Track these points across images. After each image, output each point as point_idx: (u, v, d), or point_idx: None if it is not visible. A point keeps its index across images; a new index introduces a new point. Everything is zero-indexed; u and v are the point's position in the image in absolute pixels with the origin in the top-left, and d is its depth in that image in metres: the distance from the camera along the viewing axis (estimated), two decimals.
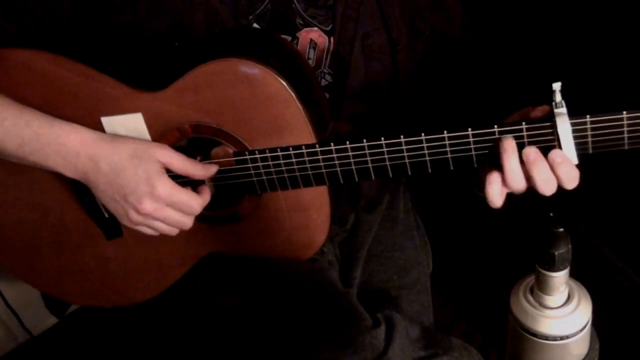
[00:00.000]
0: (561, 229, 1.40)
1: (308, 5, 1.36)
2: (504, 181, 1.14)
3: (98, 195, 1.26)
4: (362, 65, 1.40)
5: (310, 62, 1.41)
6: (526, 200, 1.20)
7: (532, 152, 1.12)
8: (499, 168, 1.13)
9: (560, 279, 1.44)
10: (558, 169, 1.12)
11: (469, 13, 1.48)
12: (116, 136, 1.25)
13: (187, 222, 1.28)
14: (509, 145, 1.12)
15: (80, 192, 1.33)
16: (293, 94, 1.20)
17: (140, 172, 1.21)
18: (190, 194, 1.25)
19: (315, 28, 1.38)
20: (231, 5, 1.31)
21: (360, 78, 1.41)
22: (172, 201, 1.23)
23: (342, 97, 1.42)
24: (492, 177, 1.14)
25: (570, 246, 1.41)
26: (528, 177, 1.13)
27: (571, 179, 1.13)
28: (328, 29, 1.38)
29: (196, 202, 1.26)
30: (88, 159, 1.22)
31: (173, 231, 1.29)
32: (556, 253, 1.40)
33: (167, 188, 1.22)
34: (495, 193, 1.15)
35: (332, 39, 1.39)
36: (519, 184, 1.14)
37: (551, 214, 1.42)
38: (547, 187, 1.13)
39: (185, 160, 1.25)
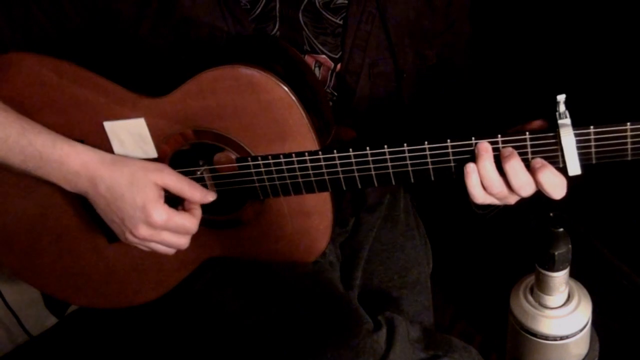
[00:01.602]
0: (561, 229, 1.40)
1: (318, 33, 1.36)
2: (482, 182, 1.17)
3: (98, 211, 1.28)
4: (367, 92, 1.41)
5: None
6: (526, 201, 1.20)
7: (508, 149, 1.15)
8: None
9: (560, 279, 1.44)
10: (538, 175, 1.14)
11: (477, 30, 1.48)
12: (117, 158, 1.26)
13: (183, 242, 1.29)
14: (482, 147, 1.15)
15: (81, 196, 1.33)
16: (296, 100, 1.20)
17: (137, 199, 1.22)
18: (185, 216, 1.27)
19: (323, 55, 1.38)
20: (236, 32, 1.31)
21: (364, 103, 1.42)
22: (168, 226, 1.25)
23: (344, 114, 1.42)
24: (469, 167, 1.16)
25: (570, 246, 1.40)
26: (506, 179, 1.16)
27: (555, 187, 1.15)
28: (337, 56, 1.38)
29: (191, 223, 1.27)
30: (88, 180, 1.23)
31: (170, 251, 1.31)
32: (556, 253, 1.39)
33: (163, 215, 1.23)
34: (475, 184, 1.17)
35: (339, 64, 1.39)
36: (494, 184, 1.16)
37: (551, 214, 1.42)
38: (521, 185, 1.15)
39: (183, 183, 1.26)
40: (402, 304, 1.52)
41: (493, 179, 1.16)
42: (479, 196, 1.19)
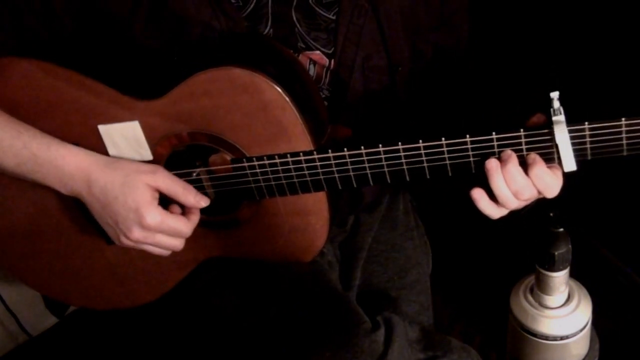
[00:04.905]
0: (561, 229, 1.40)
1: (310, 29, 1.36)
2: (496, 199, 1.16)
3: (93, 214, 1.28)
4: (360, 87, 1.40)
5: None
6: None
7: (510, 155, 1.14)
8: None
9: (560, 279, 1.44)
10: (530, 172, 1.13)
11: (475, 27, 1.47)
12: (112, 160, 1.26)
13: (178, 244, 1.29)
14: (490, 165, 1.14)
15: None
16: (289, 101, 1.19)
17: (129, 201, 1.22)
18: (179, 219, 1.27)
19: (317, 51, 1.37)
20: (229, 30, 1.31)
21: (357, 97, 1.41)
22: (161, 229, 1.25)
23: (339, 111, 1.41)
24: (476, 193, 1.17)
25: (570, 246, 1.40)
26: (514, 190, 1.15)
27: (547, 187, 1.14)
28: (330, 51, 1.38)
29: (185, 226, 1.27)
30: (83, 182, 1.24)
31: (164, 253, 1.31)
32: (556, 253, 1.39)
33: (156, 217, 1.23)
34: (487, 206, 1.17)
35: (332, 60, 1.38)
36: (509, 200, 1.16)
37: (551, 214, 1.41)
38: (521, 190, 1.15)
39: (177, 186, 1.26)
40: (401, 305, 1.51)
41: (506, 193, 1.15)
42: (493, 213, 1.19)
